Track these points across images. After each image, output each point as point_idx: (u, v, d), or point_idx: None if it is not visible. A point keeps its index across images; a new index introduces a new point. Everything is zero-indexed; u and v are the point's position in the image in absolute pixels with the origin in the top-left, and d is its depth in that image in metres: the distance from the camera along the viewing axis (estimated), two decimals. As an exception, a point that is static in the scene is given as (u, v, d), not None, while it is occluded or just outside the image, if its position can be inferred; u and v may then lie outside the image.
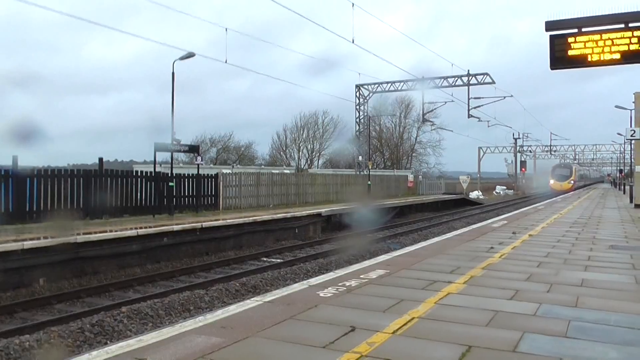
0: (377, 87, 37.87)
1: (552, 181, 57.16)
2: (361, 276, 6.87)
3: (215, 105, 76.04)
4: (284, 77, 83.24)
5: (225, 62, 22.01)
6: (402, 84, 36.76)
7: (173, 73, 19.09)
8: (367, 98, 38.76)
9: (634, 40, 6.48)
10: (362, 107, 38.72)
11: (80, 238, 11.73)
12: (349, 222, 25.23)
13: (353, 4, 22.18)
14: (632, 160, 29.16)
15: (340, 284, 6.36)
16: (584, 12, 6.89)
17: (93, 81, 70.88)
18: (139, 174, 18.12)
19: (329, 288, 6.10)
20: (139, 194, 17.74)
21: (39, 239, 11.24)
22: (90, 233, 12.32)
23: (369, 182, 33.38)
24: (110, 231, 12.92)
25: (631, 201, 28.12)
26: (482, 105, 36.13)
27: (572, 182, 57.32)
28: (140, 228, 13.58)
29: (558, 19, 6.95)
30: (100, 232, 12.63)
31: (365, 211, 25.82)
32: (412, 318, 4.91)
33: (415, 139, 64.03)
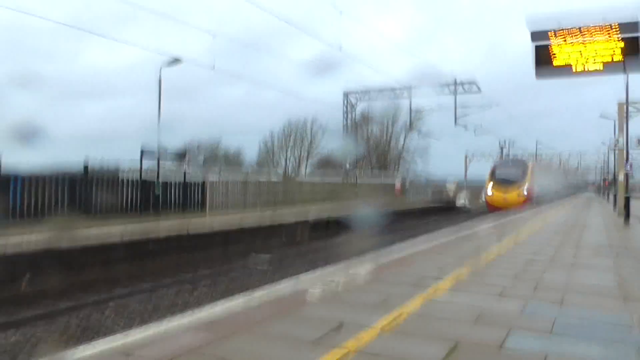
0: (365, 95, 38.06)
1: (489, 190, 34.76)
2: (350, 272, 6.88)
3: (208, 111, 75.86)
4: (279, 84, 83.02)
5: (213, 68, 22.01)
6: (390, 91, 36.98)
7: (160, 79, 19.10)
8: (355, 105, 38.95)
9: (617, 51, 6.60)
10: (349, 115, 38.88)
11: (64, 244, 11.57)
12: (337, 229, 25.26)
13: (341, 12, 22.35)
14: (616, 169, 29.54)
15: (329, 279, 6.36)
16: (569, 24, 7.01)
17: (86, 88, 70.45)
18: (125, 181, 17.98)
19: (318, 284, 6.10)
20: (124, 201, 17.58)
21: (20, 245, 11.08)
22: (74, 239, 12.15)
23: (357, 190, 33.46)
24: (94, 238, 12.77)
25: (615, 209, 28.45)
26: (468, 115, 36.47)
27: (526, 191, 33.42)
28: (125, 235, 13.44)
29: (543, 29, 7.06)
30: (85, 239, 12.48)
31: (352, 218, 25.86)
32: (400, 314, 4.93)
33: (403, 146, 64.37)
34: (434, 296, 5.82)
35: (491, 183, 34.93)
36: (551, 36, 7.27)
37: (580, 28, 7.17)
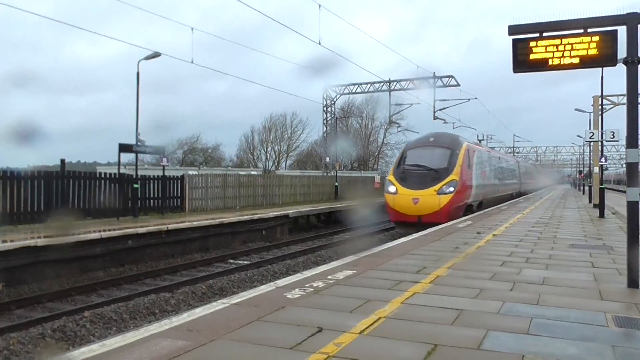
0: (345, 88, 38.04)
1: (391, 187, 19.27)
2: (328, 277, 6.89)
3: (191, 106, 75.30)
4: (263, 80, 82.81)
5: (192, 62, 21.80)
6: (369, 85, 37.02)
7: (138, 73, 18.82)
8: (335, 100, 38.91)
9: (592, 45, 6.68)
10: (329, 109, 38.84)
11: (41, 241, 11.41)
12: (317, 223, 25.33)
13: (320, 5, 22.22)
14: (591, 161, 30.07)
15: (307, 285, 6.36)
16: (547, 17, 7.10)
17: (69, 82, 69.31)
18: (103, 176, 17.77)
19: (296, 289, 6.09)
20: (102, 196, 17.37)
21: (-3, 242, 10.90)
22: (51, 236, 12.00)
23: (337, 184, 33.50)
24: (73, 234, 12.61)
25: (590, 201, 28.98)
26: (447, 107, 36.65)
27: (455, 187, 18.72)
28: (104, 231, 13.31)
29: (521, 23, 7.12)
30: (62, 235, 12.32)
31: (332, 212, 25.96)
32: (379, 318, 4.95)
33: (382, 141, 64.60)
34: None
35: (395, 176, 19.73)
36: (527, 30, 7.36)
37: (556, 22, 7.26)
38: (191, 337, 4.29)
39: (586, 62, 6.78)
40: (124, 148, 18.13)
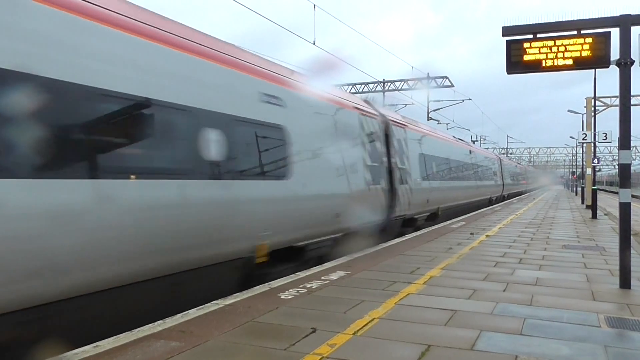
0: (339, 89, 38.04)
1: None
2: (322, 278, 6.89)
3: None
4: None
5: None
6: (363, 86, 37.06)
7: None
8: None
9: (586, 47, 6.72)
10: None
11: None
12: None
13: (314, 5, 22.19)
14: (584, 162, 30.18)
15: (301, 285, 6.37)
16: (541, 18, 7.14)
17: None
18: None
19: (290, 290, 6.09)
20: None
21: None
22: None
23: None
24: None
25: (583, 202, 29.12)
26: (441, 108, 36.77)
27: None
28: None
29: (515, 24, 7.15)
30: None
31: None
32: (373, 319, 4.96)
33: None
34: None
35: None
36: (521, 31, 7.39)
37: (549, 23, 7.29)
38: (185, 338, 4.28)
39: (579, 64, 6.81)
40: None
